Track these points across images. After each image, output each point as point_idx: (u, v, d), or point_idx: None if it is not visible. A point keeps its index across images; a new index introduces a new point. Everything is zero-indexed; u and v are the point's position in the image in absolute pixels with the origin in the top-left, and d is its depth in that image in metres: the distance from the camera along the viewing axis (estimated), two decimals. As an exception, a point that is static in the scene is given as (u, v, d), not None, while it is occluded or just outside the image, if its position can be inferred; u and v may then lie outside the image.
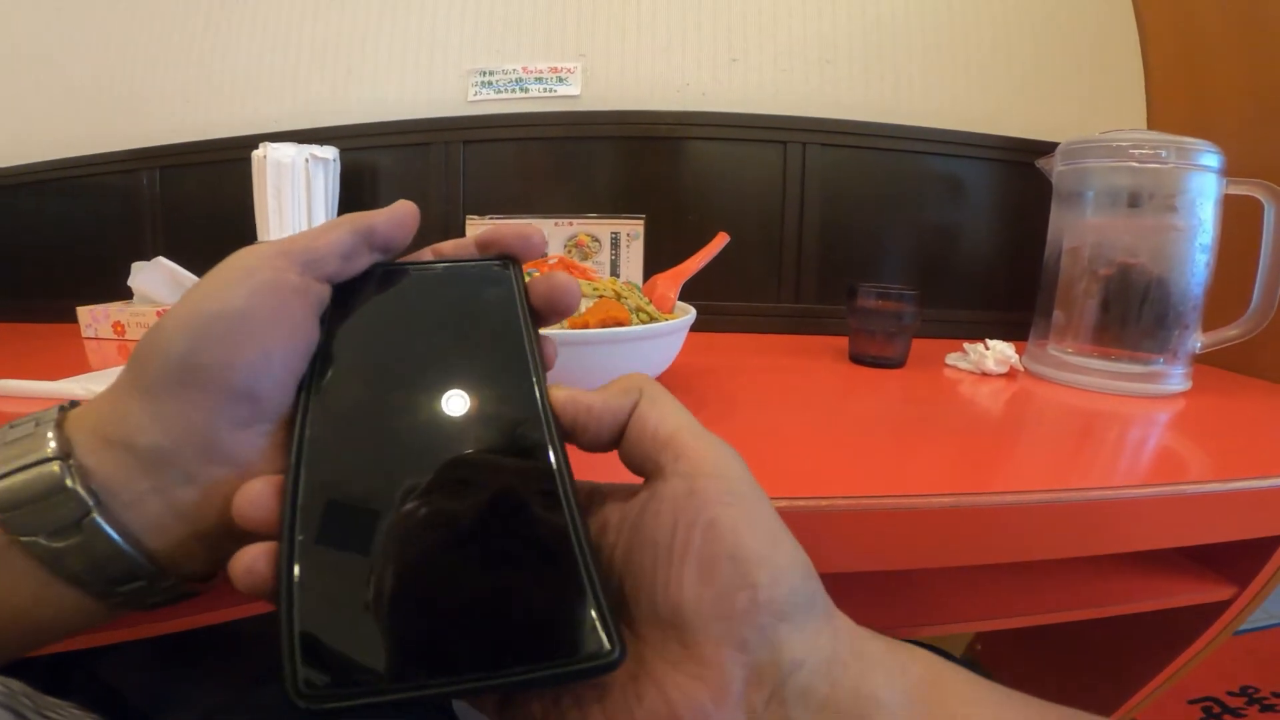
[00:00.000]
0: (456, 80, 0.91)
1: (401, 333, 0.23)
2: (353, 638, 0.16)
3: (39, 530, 0.18)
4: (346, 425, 0.20)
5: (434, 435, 0.20)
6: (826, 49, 0.88)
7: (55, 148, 1.00)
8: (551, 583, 0.17)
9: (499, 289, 0.25)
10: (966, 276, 0.89)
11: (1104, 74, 0.88)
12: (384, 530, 0.18)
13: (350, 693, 0.16)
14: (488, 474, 0.19)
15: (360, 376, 0.21)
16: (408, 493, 0.18)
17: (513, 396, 0.21)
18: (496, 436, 0.20)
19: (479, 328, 0.23)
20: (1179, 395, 0.60)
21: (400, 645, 0.16)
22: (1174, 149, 0.58)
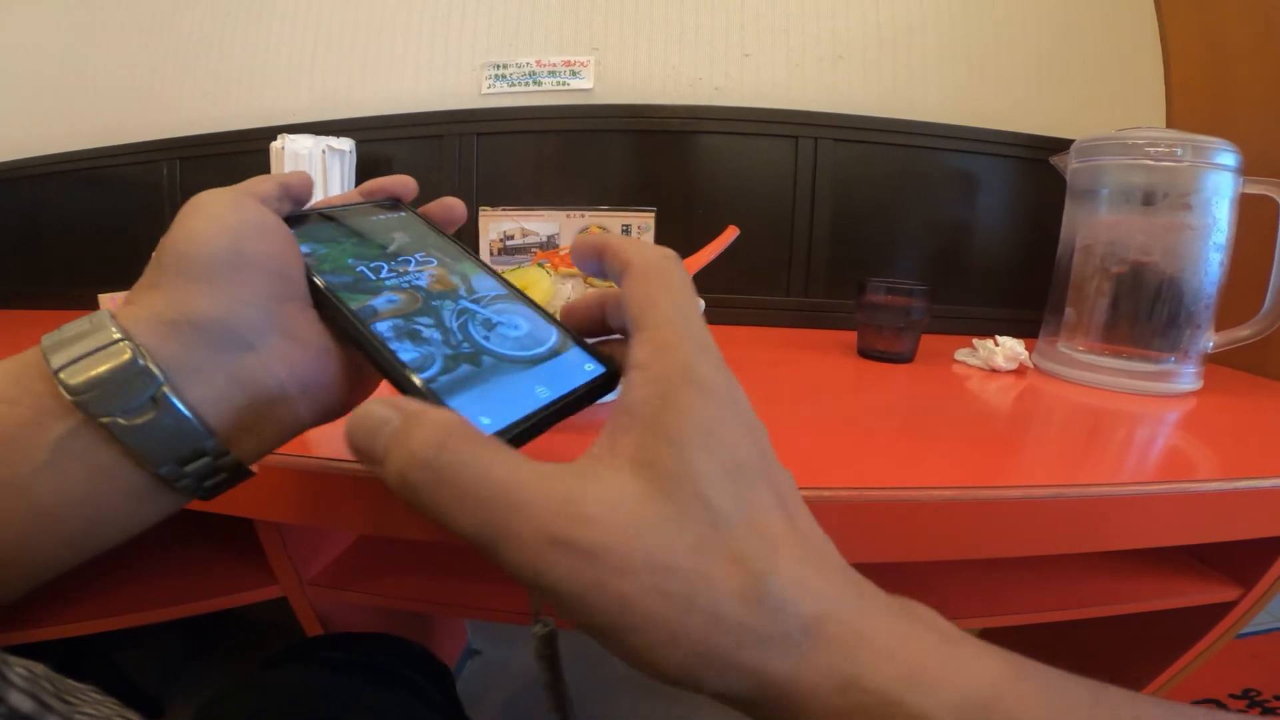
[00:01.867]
0: (470, 73, 0.92)
1: (368, 244, 0.30)
2: (484, 403, 0.22)
3: (116, 409, 0.19)
4: (382, 302, 0.26)
5: (446, 291, 0.28)
6: (840, 45, 0.88)
7: (77, 139, 1.02)
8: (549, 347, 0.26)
9: (404, 212, 0.33)
10: (977, 273, 0.89)
11: (1122, 71, 0.87)
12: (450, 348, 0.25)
13: (511, 427, 0.22)
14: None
15: (360, 275, 0.27)
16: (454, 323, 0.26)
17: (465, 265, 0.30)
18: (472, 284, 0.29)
19: (412, 232, 0.31)
20: (1189, 395, 0.60)
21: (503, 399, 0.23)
22: (1190, 147, 0.58)
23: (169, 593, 0.51)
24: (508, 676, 1.02)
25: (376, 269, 0.28)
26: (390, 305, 0.26)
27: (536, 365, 0.25)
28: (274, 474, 0.37)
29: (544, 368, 0.25)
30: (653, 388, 0.18)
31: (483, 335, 0.26)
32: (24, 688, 0.17)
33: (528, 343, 0.26)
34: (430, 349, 0.24)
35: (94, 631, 0.49)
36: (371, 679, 0.46)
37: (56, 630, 0.49)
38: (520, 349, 0.26)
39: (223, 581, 0.51)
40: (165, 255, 0.23)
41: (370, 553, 0.55)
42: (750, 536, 0.17)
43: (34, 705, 0.17)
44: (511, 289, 0.29)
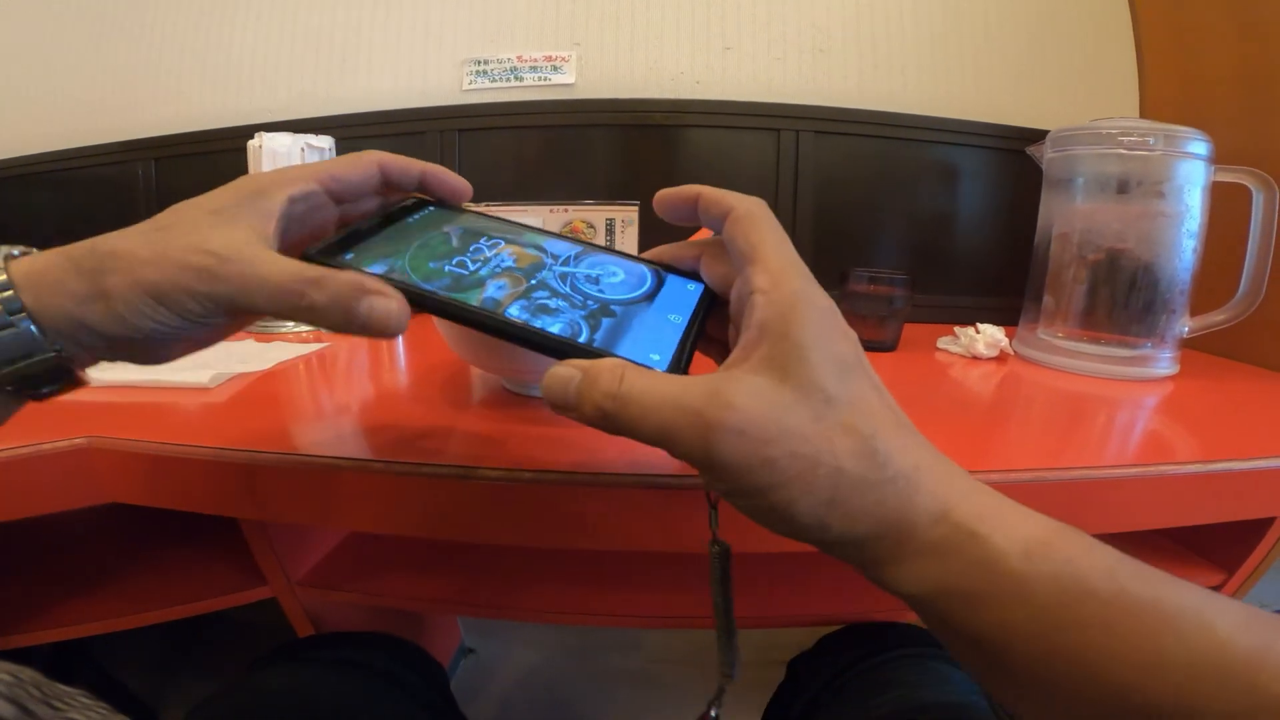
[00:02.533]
0: (451, 69, 0.92)
1: (432, 244, 0.30)
2: (643, 344, 0.25)
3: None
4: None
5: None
6: (820, 37, 0.89)
7: (47, 140, 1.00)
8: None
9: (433, 207, 0.33)
10: (958, 262, 0.90)
11: (1097, 63, 0.89)
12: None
13: (676, 356, 0.25)
14: None
15: (455, 274, 0.28)
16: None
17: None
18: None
19: (458, 221, 0.33)
20: (1166, 379, 0.61)
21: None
22: (1162, 136, 0.59)
23: (158, 596, 0.50)
24: (502, 674, 1.02)
25: (462, 264, 0.28)
26: (505, 291, 0.27)
27: (655, 298, 0.28)
28: (258, 471, 0.37)
29: (661, 298, 0.28)
30: (775, 309, 0.23)
31: (597, 289, 0.28)
32: (6, 694, 0.17)
33: (634, 283, 0.29)
34: (567, 315, 0.26)
35: (82, 635, 0.49)
36: (364, 678, 0.46)
37: (44, 635, 0.48)
38: (634, 290, 0.28)
39: (212, 583, 0.51)
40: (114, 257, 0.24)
41: (360, 551, 0.55)
42: (855, 411, 0.22)
43: (16, 711, 0.17)
44: (579, 241, 0.32)
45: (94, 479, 0.39)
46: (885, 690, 0.43)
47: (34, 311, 0.23)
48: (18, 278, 0.24)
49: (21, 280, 0.23)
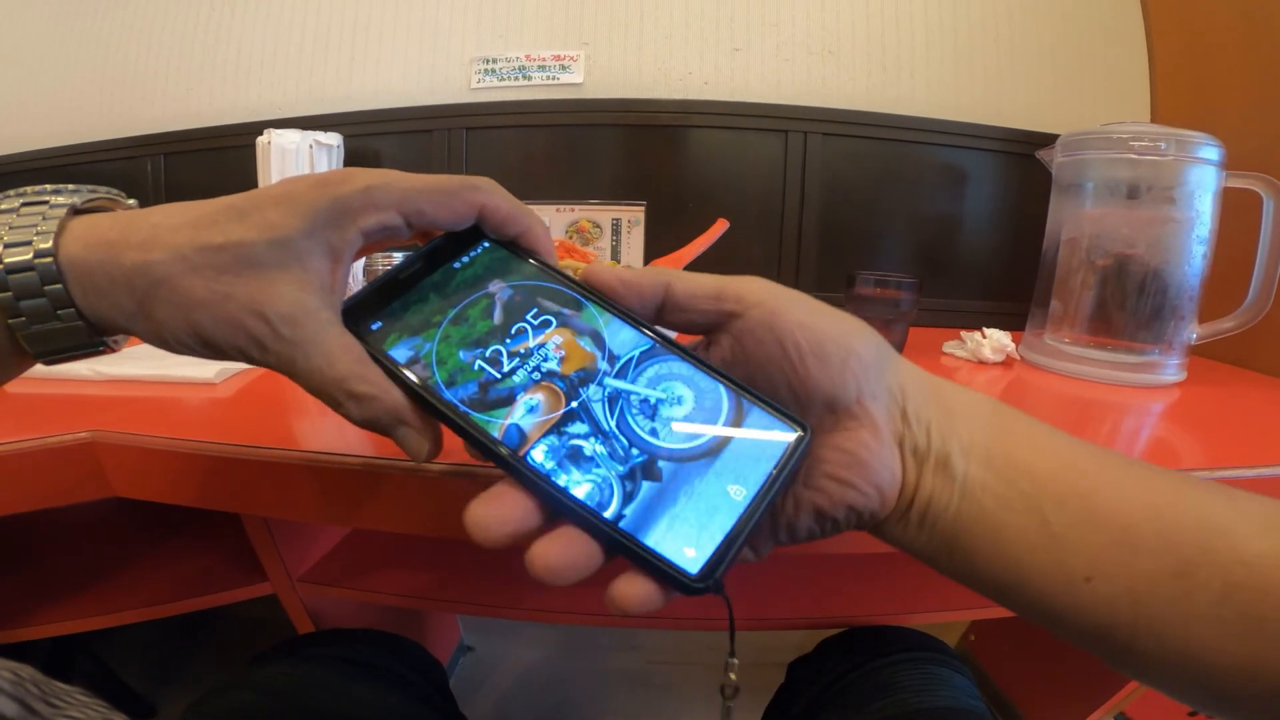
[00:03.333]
0: (460, 68, 0.92)
1: (470, 315, 0.25)
2: (682, 529, 0.20)
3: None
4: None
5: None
6: (829, 39, 0.88)
7: (58, 135, 1.00)
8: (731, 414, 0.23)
9: (487, 243, 0.27)
10: (965, 266, 0.89)
11: (1108, 67, 0.88)
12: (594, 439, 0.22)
13: (718, 556, 0.20)
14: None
15: (484, 373, 0.24)
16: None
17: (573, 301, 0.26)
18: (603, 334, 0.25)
19: (506, 274, 0.26)
20: (1173, 386, 0.61)
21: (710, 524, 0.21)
22: (1173, 141, 0.58)
23: (158, 591, 0.51)
24: (501, 672, 1.02)
25: (496, 358, 0.23)
26: (535, 418, 0.22)
27: (720, 454, 0.22)
28: (262, 467, 0.37)
29: (729, 455, 0.22)
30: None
31: (649, 430, 0.22)
32: (9, 691, 0.17)
33: (698, 416, 0.23)
34: (600, 471, 0.21)
35: (82, 630, 0.49)
36: (364, 675, 0.46)
37: (45, 630, 0.49)
38: (693, 437, 0.22)
39: (212, 579, 0.51)
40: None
41: (361, 548, 0.55)
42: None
43: (18, 709, 0.17)
44: (649, 330, 0.25)
45: (98, 474, 0.39)
46: (885, 694, 0.43)
47: (80, 308, 0.23)
48: (67, 268, 0.22)
49: (71, 273, 0.22)
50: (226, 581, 0.51)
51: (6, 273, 0.22)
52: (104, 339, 0.24)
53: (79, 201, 0.24)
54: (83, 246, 0.22)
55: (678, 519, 0.20)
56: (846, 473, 0.23)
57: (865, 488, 0.23)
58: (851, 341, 0.23)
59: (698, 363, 0.24)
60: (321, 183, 0.24)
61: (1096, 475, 0.22)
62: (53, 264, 0.22)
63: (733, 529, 0.20)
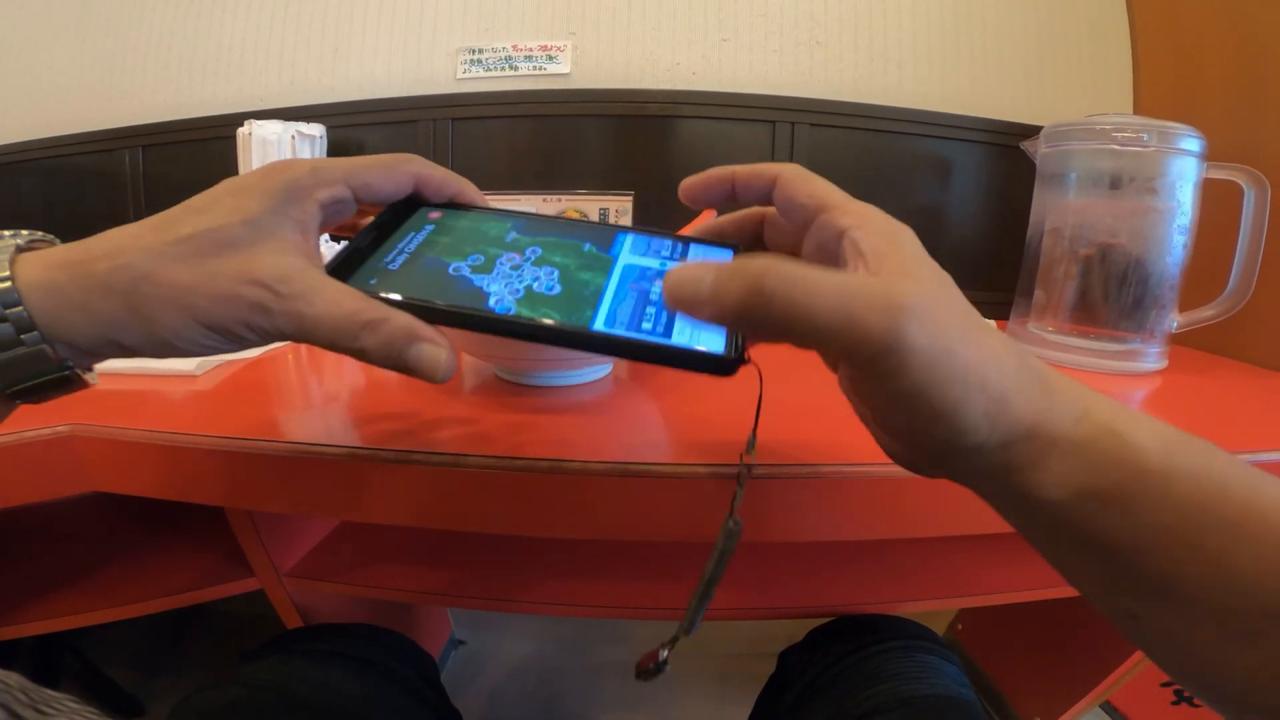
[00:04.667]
0: (445, 58, 0.91)
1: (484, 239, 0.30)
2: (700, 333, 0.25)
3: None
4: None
5: (565, 268, 0.28)
6: (817, 30, 0.88)
7: (34, 128, 0.98)
8: None
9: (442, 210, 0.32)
10: (951, 256, 0.90)
11: (1092, 59, 0.89)
12: None
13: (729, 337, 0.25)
14: None
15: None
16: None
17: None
18: None
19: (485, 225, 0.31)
20: (1155, 374, 0.61)
21: None
22: (1155, 132, 0.59)
23: (143, 587, 0.50)
24: (493, 666, 1.02)
25: (475, 265, 0.28)
26: (551, 293, 0.27)
27: None
28: (245, 460, 0.37)
29: None
30: (881, 237, 0.23)
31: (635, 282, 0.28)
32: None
33: (658, 252, 0.29)
34: (626, 312, 0.26)
35: (67, 628, 0.48)
36: (354, 670, 0.46)
37: (28, 628, 0.48)
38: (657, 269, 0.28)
39: (198, 575, 0.51)
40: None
41: (350, 542, 0.54)
42: (974, 313, 0.22)
43: (6, 716, 0.16)
44: (583, 222, 0.33)
45: (78, 468, 0.38)
46: (876, 682, 0.44)
47: (47, 329, 0.22)
48: (28, 291, 0.22)
49: (33, 295, 0.22)
50: (212, 577, 0.50)
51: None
52: (70, 366, 0.23)
53: (21, 242, 0.24)
54: (44, 268, 0.22)
55: (683, 325, 0.25)
56: None
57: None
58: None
59: (636, 229, 0.31)
60: (269, 171, 0.26)
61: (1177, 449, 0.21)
62: (11, 289, 0.21)
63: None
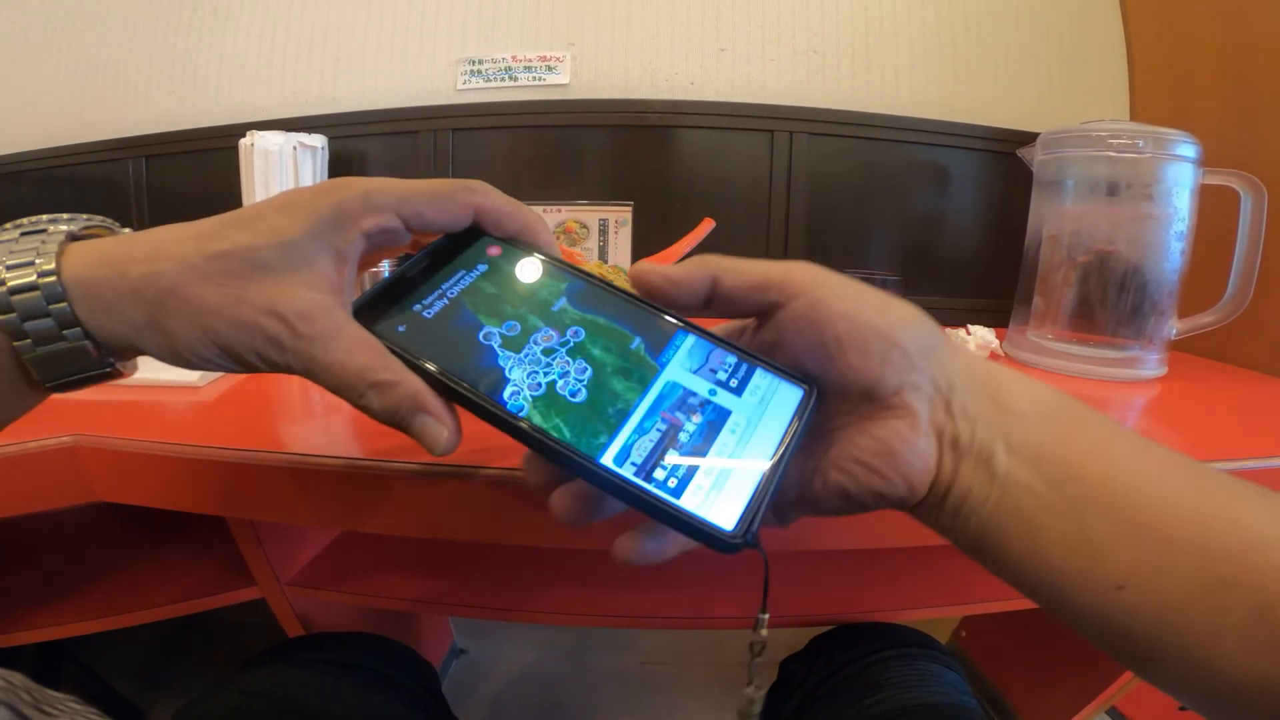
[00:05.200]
0: (445, 69, 0.91)
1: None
2: (718, 500, 0.21)
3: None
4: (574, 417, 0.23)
5: (597, 363, 0.25)
6: (815, 39, 0.89)
7: (38, 138, 0.99)
8: None
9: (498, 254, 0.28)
10: (950, 264, 0.90)
11: (1088, 67, 0.89)
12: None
13: (750, 511, 0.21)
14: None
15: None
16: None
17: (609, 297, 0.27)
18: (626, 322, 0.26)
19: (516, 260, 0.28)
20: (1154, 380, 0.62)
21: (740, 481, 0.22)
22: (1151, 139, 0.59)
23: (145, 596, 0.50)
24: (494, 675, 1.02)
25: (508, 339, 0.25)
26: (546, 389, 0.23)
27: (734, 417, 0.24)
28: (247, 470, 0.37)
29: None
30: None
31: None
32: (1, 699, 0.17)
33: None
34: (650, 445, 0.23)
35: (68, 636, 0.49)
36: (354, 679, 0.46)
37: (30, 635, 0.48)
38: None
39: (200, 583, 0.51)
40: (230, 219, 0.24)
41: (351, 551, 0.54)
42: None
43: (10, 714, 0.17)
44: (651, 309, 0.26)
45: (81, 478, 0.39)
46: (876, 690, 0.44)
47: (88, 327, 0.22)
48: (71, 286, 0.22)
49: (73, 291, 0.22)
50: (214, 586, 0.50)
51: (10, 294, 0.21)
52: (112, 361, 0.24)
53: (76, 228, 0.24)
54: (86, 264, 0.22)
55: (704, 480, 0.22)
56: (876, 460, 0.23)
57: (893, 477, 0.23)
58: (896, 333, 0.23)
59: (701, 333, 0.26)
60: (322, 190, 0.24)
61: (1149, 484, 0.22)
62: (56, 283, 0.22)
63: (759, 485, 0.22)
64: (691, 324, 0.26)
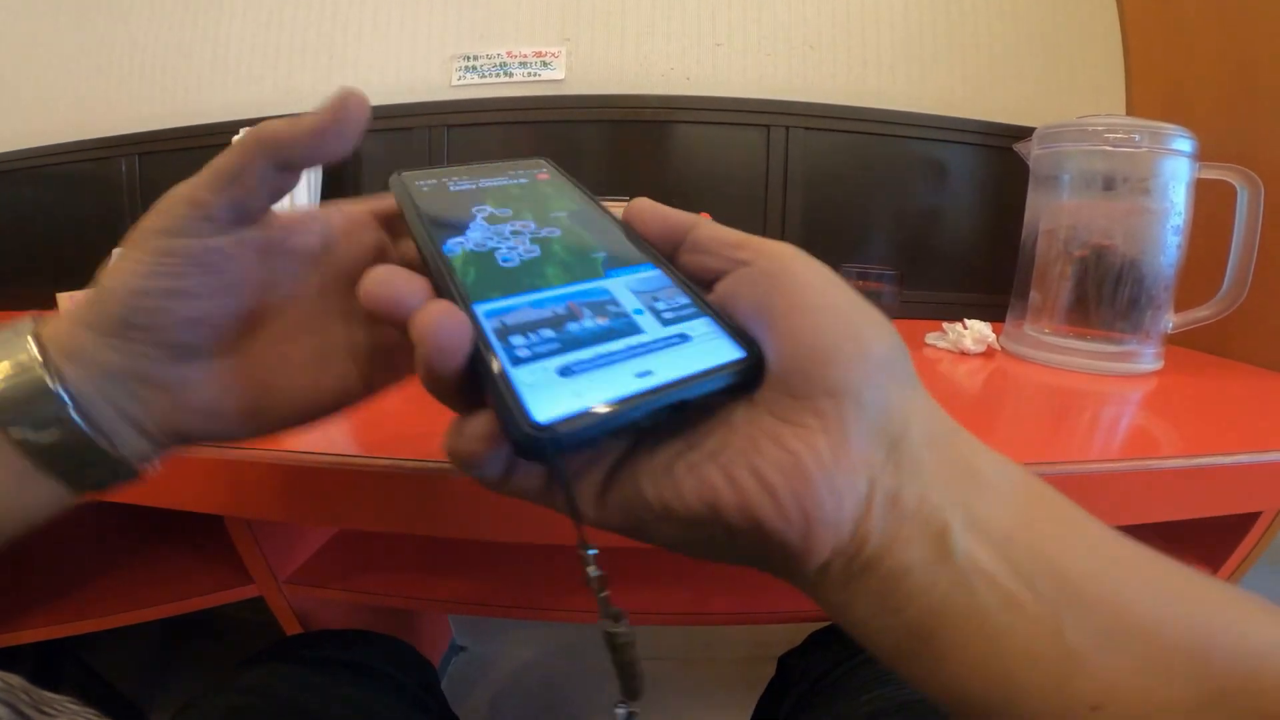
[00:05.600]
0: (440, 65, 0.91)
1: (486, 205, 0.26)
2: (555, 389, 0.18)
3: (23, 423, 0.21)
4: (487, 272, 0.22)
5: (546, 259, 0.23)
6: (810, 34, 0.89)
7: (29, 136, 0.98)
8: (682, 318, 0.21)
9: (546, 178, 0.29)
10: (947, 258, 0.90)
11: (1084, 61, 0.89)
12: (538, 310, 0.20)
13: (575, 418, 0.17)
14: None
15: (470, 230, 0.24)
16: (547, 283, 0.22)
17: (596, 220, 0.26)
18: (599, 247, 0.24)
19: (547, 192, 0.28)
20: (1151, 374, 0.62)
21: (590, 387, 0.18)
22: (1147, 133, 0.59)
23: (143, 595, 0.50)
24: (494, 672, 1.02)
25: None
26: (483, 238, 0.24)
27: (642, 338, 0.20)
28: (244, 468, 0.37)
29: (654, 344, 0.20)
30: None
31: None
32: (2, 698, 0.17)
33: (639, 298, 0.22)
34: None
35: (67, 635, 0.49)
36: (352, 676, 0.46)
37: (29, 635, 0.48)
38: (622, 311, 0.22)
39: (198, 582, 0.51)
40: (96, 290, 0.23)
41: (349, 549, 0.54)
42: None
43: (11, 714, 0.17)
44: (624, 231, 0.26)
45: (76, 478, 0.38)
46: (875, 686, 0.44)
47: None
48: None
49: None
50: (212, 585, 0.50)
51: None
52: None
53: None
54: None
55: (554, 366, 0.18)
56: (778, 477, 0.17)
57: (791, 509, 0.17)
58: (860, 328, 0.19)
59: (669, 271, 0.23)
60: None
61: (1139, 585, 0.18)
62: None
63: (610, 402, 0.17)
64: (667, 263, 0.23)
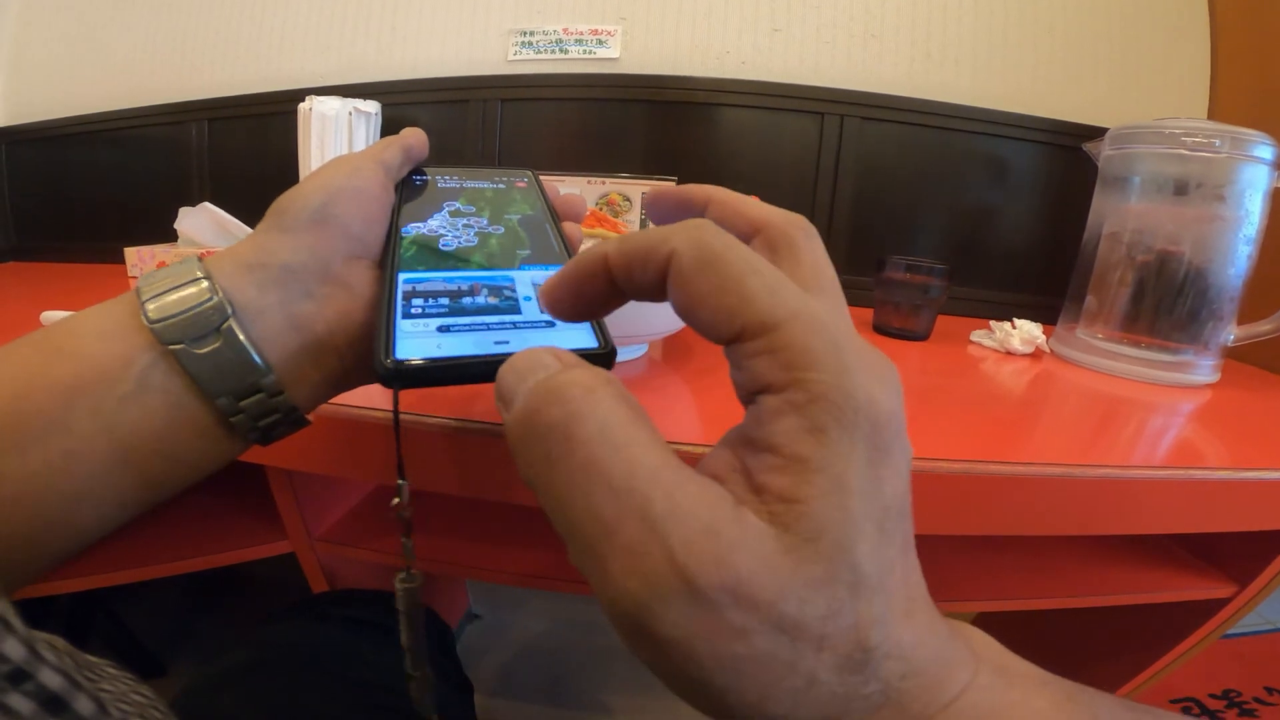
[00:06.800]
0: (497, 39, 0.92)
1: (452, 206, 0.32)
2: (424, 339, 0.22)
3: (186, 337, 0.22)
4: (426, 252, 0.28)
5: (479, 248, 0.28)
6: (872, 23, 0.87)
7: (106, 100, 1.03)
8: None
9: (522, 187, 0.35)
10: (998, 256, 0.88)
11: (1166, 63, 0.85)
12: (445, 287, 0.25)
13: (425, 362, 0.21)
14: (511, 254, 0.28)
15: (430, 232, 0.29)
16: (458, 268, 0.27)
17: (536, 231, 0.30)
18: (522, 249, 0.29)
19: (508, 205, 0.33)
20: (1206, 387, 0.59)
21: (452, 343, 0.22)
22: (1229, 139, 0.56)
23: (177, 547, 0.52)
24: (506, 641, 1.04)
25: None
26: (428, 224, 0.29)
27: (508, 315, 0.24)
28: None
29: (520, 322, 0.23)
30: (807, 422, 0.14)
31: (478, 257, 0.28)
32: (55, 664, 0.16)
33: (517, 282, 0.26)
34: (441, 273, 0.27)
35: (105, 585, 0.50)
36: (372, 635, 0.47)
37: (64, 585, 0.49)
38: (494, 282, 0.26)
39: (232, 537, 0.52)
40: (280, 201, 0.26)
41: (379, 511, 0.56)
42: (878, 601, 0.14)
43: (63, 682, 0.16)
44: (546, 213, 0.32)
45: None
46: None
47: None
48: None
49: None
50: (246, 539, 0.52)
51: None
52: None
53: None
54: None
55: (431, 321, 0.23)
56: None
57: None
58: (872, 381, 0.15)
59: (562, 246, 0.29)
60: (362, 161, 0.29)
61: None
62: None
63: (454, 357, 0.21)
64: None
